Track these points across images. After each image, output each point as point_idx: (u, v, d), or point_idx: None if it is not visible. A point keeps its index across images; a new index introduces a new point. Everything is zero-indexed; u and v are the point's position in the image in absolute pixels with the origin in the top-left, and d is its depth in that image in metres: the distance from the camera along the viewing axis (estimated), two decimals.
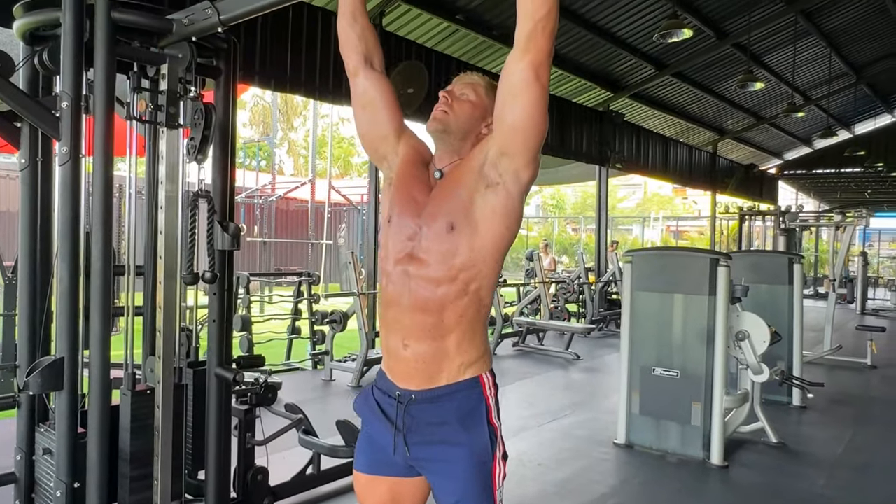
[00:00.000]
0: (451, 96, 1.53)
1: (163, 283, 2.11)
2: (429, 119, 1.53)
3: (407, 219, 1.49)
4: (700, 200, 33.81)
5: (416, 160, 1.58)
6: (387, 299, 1.51)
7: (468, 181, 1.44)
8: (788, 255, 5.36)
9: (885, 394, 5.82)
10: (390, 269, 1.49)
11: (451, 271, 1.42)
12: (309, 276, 6.36)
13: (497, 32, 7.96)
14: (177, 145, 2.16)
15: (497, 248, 1.44)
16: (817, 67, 12.14)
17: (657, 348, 3.90)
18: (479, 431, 1.42)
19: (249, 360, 2.59)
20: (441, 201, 1.46)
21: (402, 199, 1.52)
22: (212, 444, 2.38)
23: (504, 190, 1.41)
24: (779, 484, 3.44)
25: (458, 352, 1.44)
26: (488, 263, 1.43)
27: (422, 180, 1.53)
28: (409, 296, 1.45)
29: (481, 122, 1.52)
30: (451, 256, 1.42)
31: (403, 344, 1.45)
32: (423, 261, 1.44)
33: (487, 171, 1.42)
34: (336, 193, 14.69)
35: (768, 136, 16.20)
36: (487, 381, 1.46)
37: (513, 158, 1.39)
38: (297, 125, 29.92)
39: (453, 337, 1.43)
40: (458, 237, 1.42)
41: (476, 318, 1.45)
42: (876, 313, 12.65)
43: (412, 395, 1.45)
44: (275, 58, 5.84)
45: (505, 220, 1.42)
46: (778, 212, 11.88)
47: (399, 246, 1.48)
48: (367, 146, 1.68)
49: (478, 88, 1.54)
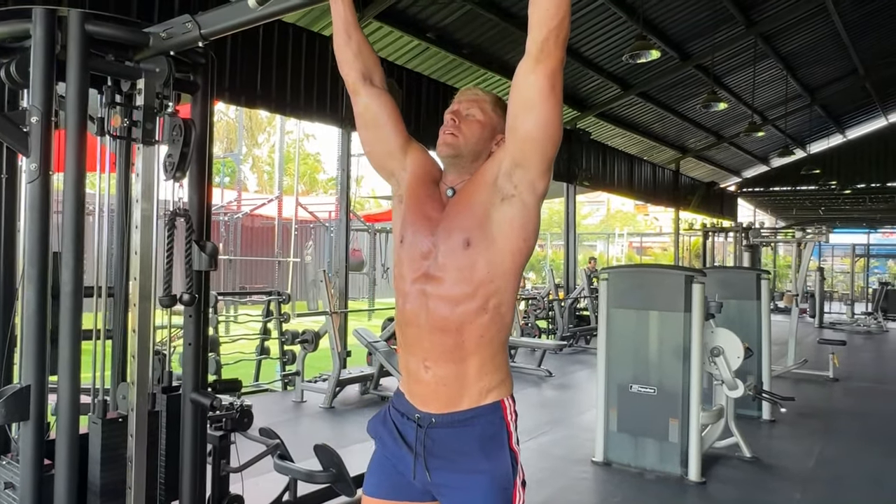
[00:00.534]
0: (458, 117, 1.50)
1: (137, 306, 2.02)
2: (437, 143, 1.51)
3: (421, 237, 1.47)
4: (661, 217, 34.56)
5: (425, 177, 1.56)
6: (405, 319, 1.48)
7: (482, 195, 1.43)
8: (756, 272, 5.47)
9: (848, 406, 5.96)
10: (407, 288, 1.47)
11: (469, 287, 1.40)
12: (279, 295, 6.24)
13: (467, 51, 8.02)
14: (153, 163, 2.08)
15: (515, 262, 1.42)
16: (774, 89, 12.55)
17: (634, 365, 3.91)
18: (500, 458, 1.40)
19: (226, 384, 2.50)
20: (455, 217, 1.44)
21: (415, 217, 1.50)
22: (187, 473, 2.28)
23: (520, 202, 1.40)
24: (756, 499, 3.47)
25: (479, 375, 1.42)
26: (507, 278, 1.42)
27: (433, 197, 1.51)
28: (427, 315, 1.42)
29: (491, 141, 1.50)
30: (469, 272, 1.40)
31: (424, 366, 1.43)
32: (440, 279, 1.42)
33: (502, 183, 1.41)
34: (303, 210, 14.51)
35: (728, 154, 16.65)
36: (509, 406, 1.44)
37: (528, 169, 1.38)
38: (262, 141, 29.61)
39: (475, 360, 1.41)
40: (475, 252, 1.40)
41: (497, 338, 1.43)
42: (833, 326, 13.03)
43: (433, 418, 1.42)
44: (245, 73, 5.76)
45: (522, 232, 1.41)
46: (740, 228, 12.18)
47: (415, 265, 1.46)
48: (374, 163, 1.65)
49: (484, 105, 1.52)
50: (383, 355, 5.63)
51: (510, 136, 1.39)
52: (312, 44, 6.37)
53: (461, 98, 1.55)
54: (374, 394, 5.74)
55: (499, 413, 1.43)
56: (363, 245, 14.84)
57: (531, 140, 1.36)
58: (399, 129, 1.60)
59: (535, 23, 1.29)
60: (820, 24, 10.36)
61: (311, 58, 6.30)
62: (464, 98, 1.54)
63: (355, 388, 5.86)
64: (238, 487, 2.74)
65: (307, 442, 3.31)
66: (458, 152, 1.48)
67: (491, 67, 8.40)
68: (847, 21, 10.27)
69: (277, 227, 14.03)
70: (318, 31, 6.52)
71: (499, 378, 1.44)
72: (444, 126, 1.51)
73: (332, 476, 3.04)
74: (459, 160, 1.49)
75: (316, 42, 6.41)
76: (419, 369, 1.44)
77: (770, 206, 21.62)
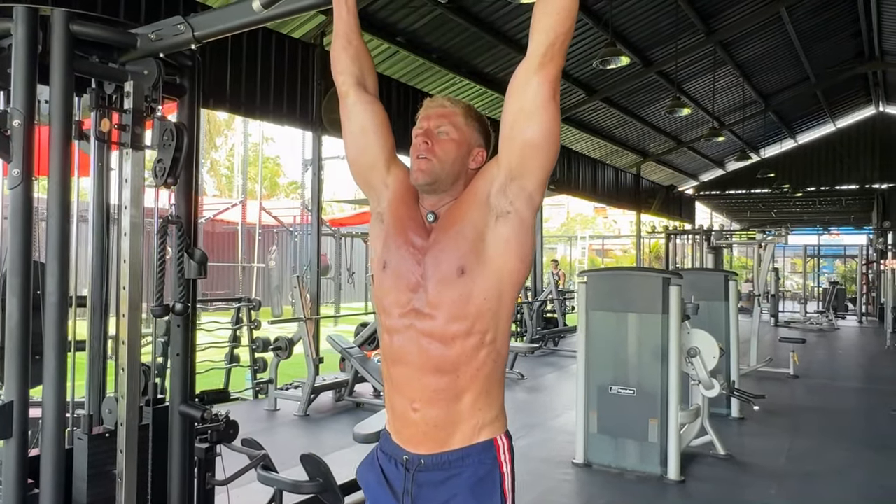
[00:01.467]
0: (430, 137, 1.39)
1: (126, 316, 1.95)
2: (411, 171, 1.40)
3: (406, 267, 1.36)
4: (620, 220, 35.20)
5: (406, 198, 1.45)
6: (392, 356, 1.37)
7: (473, 217, 1.33)
8: (724, 273, 5.61)
9: (811, 403, 6.16)
10: (393, 323, 1.37)
11: (465, 322, 1.30)
12: (249, 302, 6.12)
13: (436, 55, 8.03)
14: (142, 168, 2.01)
15: (513, 286, 1.34)
16: (731, 95, 12.92)
17: (613, 367, 3.96)
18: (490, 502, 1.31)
19: (214, 395, 2.43)
20: (445, 244, 1.33)
21: (399, 242, 1.39)
22: (175, 488, 2.20)
23: (517, 217, 1.31)
24: (735, 496, 3.55)
25: (472, 411, 1.33)
26: (504, 304, 1.33)
27: (417, 221, 1.41)
28: (418, 354, 1.33)
29: (468, 158, 1.41)
30: (464, 304, 1.30)
31: (413, 408, 1.33)
32: (432, 316, 1.32)
33: (496, 200, 1.32)
34: (267, 215, 14.28)
35: (686, 158, 17.07)
36: (502, 445, 1.35)
37: (526, 180, 1.30)
38: (220, 144, 29.05)
39: (468, 396, 1.32)
40: (469, 281, 1.30)
41: (493, 372, 1.34)
42: (788, 325, 13.47)
43: (421, 460, 1.34)
44: (214, 76, 5.63)
45: (519, 251, 1.32)
46: (702, 231, 12.49)
47: (401, 298, 1.36)
48: (355, 173, 1.56)
49: (455, 119, 1.42)
50: (358, 361, 5.58)
51: (507, 146, 1.31)
52: (282, 46, 6.28)
53: (429, 113, 1.43)
54: (348, 400, 5.68)
55: (491, 453, 1.33)
56: (328, 250, 14.67)
57: (533, 147, 1.28)
58: (386, 142, 1.51)
59: (543, 28, 1.25)
60: (775, 33, 10.73)
61: (280, 60, 6.21)
62: (432, 112, 1.43)
63: (329, 395, 5.78)
64: (221, 499, 2.68)
65: (286, 451, 3.25)
66: (436, 178, 1.37)
67: (460, 72, 8.42)
68: (800, 30, 10.67)
69: (241, 232, 13.77)
70: (288, 34, 6.44)
71: (492, 414, 1.35)
72: (414, 148, 1.41)
73: (318, 486, 2.99)
74: (437, 186, 1.38)
75: (285, 44, 6.32)
76: (407, 410, 1.34)
77: (726, 208, 22.25)
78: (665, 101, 10.88)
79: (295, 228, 14.78)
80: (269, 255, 14.54)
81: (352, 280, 14.57)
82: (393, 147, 1.54)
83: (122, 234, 1.97)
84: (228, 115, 26.69)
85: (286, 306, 13.89)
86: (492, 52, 8.37)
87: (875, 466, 4.15)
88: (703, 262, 12.61)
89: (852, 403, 6.31)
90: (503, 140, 1.33)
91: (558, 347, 9.53)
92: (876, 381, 7.80)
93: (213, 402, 2.39)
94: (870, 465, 4.19)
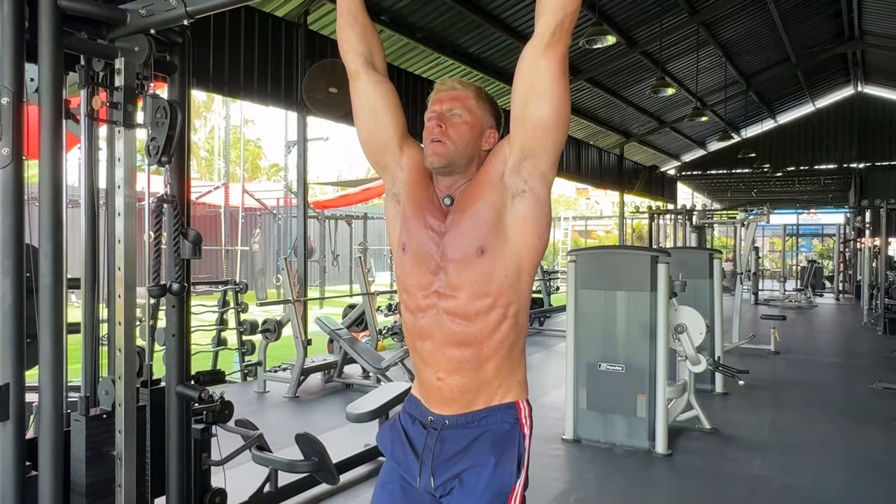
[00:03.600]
0: (443, 121, 1.40)
1: (123, 297, 1.93)
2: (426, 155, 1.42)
3: (426, 250, 1.39)
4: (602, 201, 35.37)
5: (422, 180, 1.47)
6: (418, 333, 1.41)
7: (490, 197, 1.36)
8: (709, 252, 5.68)
9: (791, 377, 6.29)
10: (417, 303, 1.41)
11: (487, 300, 1.34)
12: (236, 285, 6.08)
13: (421, 35, 7.95)
14: (134, 147, 1.98)
15: (531, 262, 1.37)
16: (713, 75, 12.99)
17: (602, 344, 4.01)
18: (508, 456, 1.36)
19: (210, 376, 2.42)
20: (463, 226, 1.36)
21: (417, 226, 1.42)
22: (173, 468, 2.21)
23: (532, 196, 1.34)
24: (721, 468, 3.63)
25: (496, 376, 1.38)
26: (523, 280, 1.37)
27: (434, 204, 1.43)
28: (442, 331, 1.37)
29: (481, 140, 1.43)
30: (486, 282, 1.34)
31: (437, 377, 1.39)
32: (454, 296, 1.36)
33: (510, 180, 1.35)
34: (249, 197, 14.14)
35: (668, 139, 17.16)
36: (524, 409, 1.41)
37: (539, 159, 1.33)
38: (198, 126, 28.64)
39: (492, 364, 1.37)
40: (490, 260, 1.34)
41: (515, 342, 1.39)
42: (767, 303, 13.71)
43: (445, 420, 1.39)
44: (196, 55, 5.53)
45: (536, 228, 1.35)
46: (685, 210, 12.61)
47: (423, 281, 1.39)
48: (369, 154, 1.56)
49: (468, 102, 1.43)
50: (347, 343, 5.59)
51: (518, 127, 1.33)
52: (265, 25, 6.18)
53: (440, 96, 1.44)
54: (337, 381, 5.69)
55: (513, 413, 1.39)
56: (312, 232, 14.60)
57: (544, 127, 1.31)
58: (398, 122, 1.51)
59: (552, 8, 1.26)
60: (758, 13, 10.77)
61: (264, 40, 6.12)
62: (444, 96, 1.44)
63: (318, 376, 5.79)
64: (217, 480, 2.68)
65: (278, 432, 3.26)
66: (451, 161, 1.39)
67: (444, 51, 8.36)
68: (782, 10, 10.73)
69: (224, 215, 13.64)
70: (271, 12, 6.34)
71: (515, 379, 1.40)
72: (428, 132, 1.42)
73: (314, 465, 3.01)
74: (452, 169, 1.40)
75: (269, 23, 6.22)
76: (432, 379, 1.40)
77: (707, 188, 22.44)
78: (648, 81, 10.91)
79: (278, 211, 14.68)
80: (252, 238, 14.43)
81: (336, 263, 14.53)
82: (405, 126, 1.55)
83: (117, 214, 1.94)
84: (207, 97, 26.35)
85: (270, 289, 13.84)
86: (477, 32, 8.31)
87: (855, 438, 4.27)
88: (686, 242, 12.76)
89: (832, 378, 6.46)
90: (514, 121, 1.36)
91: (544, 327, 9.61)
92: (854, 356, 7.98)
93: (209, 383, 2.38)
94: (850, 436, 4.30)
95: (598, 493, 3.32)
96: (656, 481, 3.54)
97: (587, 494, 3.27)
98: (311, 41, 6.64)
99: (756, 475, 3.53)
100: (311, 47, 6.56)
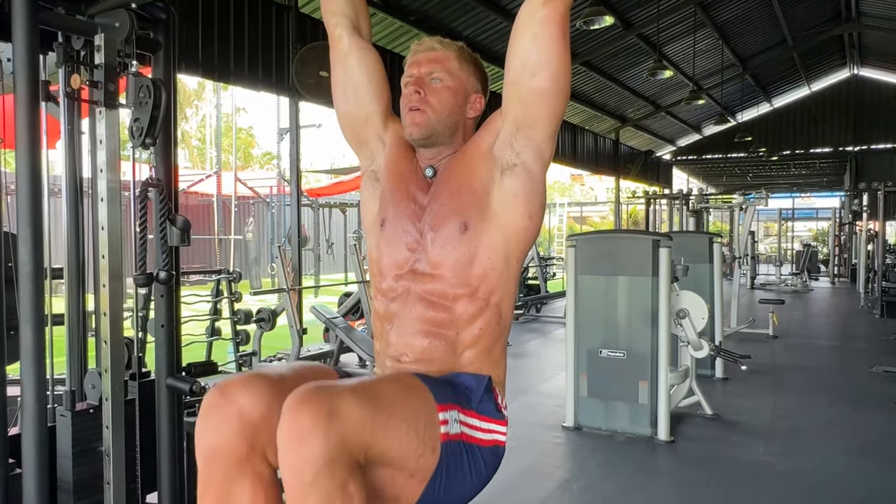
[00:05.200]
0: (422, 86, 1.29)
1: (108, 287, 1.84)
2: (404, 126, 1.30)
3: (405, 225, 1.27)
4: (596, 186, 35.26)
5: (405, 152, 1.36)
6: (388, 316, 1.28)
7: (477, 170, 1.25)
8: (708, 236, 5.62)
9: (791, 362, 6.25)
10: (389, 285, 1.28)
11: (469, 283, 1.22)
12: (229, 274, 5.98)
13: (413, 18, 7.81)
14: (117, 128, 1.89)
15: (520, 246, 1.26)
16: (710, 58, 12.87)
17: (603, 330, 3.94)
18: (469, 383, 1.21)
19: (202, 367, 2.34)
20: (446, 199, 1.25)
21: (399, 198, 1.30)
22: (164, 463, 2.13)
23: (524, 171, 1.23)
24: (724, 454, 3.58)
25: (470, 362, 1.24)
26: (511, 265, 1.25)
27: (418, 174, 1.32)
28: (416, 319, 1.24)
29: (465, 106, 1.32)
30: (468, 264, 1.22)
31: (400, 361, 1.26)
32: (433, 276, 1.24)
33: (501, 152, 1.24)
34: (242, 186, 14.00)
35: (664, 123, 17.06)
36: (500, 395, 1.27)
37: (534, 130, 1.22)
38: (189, 115, 28.36)
39: (468, 353, 1.24)
40: (474, 239, 1.22)
41: (497, 339, 1.26)
42: (764, 287, 13.70)
43: None
44: (184, 39, 5.40)
45: (527, 207, 1.24)
46: (681, 195, 12.55)
47: (398, 258, 1.27)
48: (347, 127, 1.44)
49: (449, 64, 1.31)
50: (343, 331, 5.52)
51: (511, 93, 1.22)
52: (255, 8, 6.04)
53: (418, 58, 1.32)
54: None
55: (487, 384, 1.23)
56: (306, 220, 14.48)
57: (541, 94, 1.19)
58: (383, 93, 1.40)
59: None
60: None
61: (254, 23, 5.98)
62: (422, 58, 1.31)
63: None
64: None
65: None
66: (432, 131, 1.28)
67: (438, 35, 8.22)
68: None
69: (217, 204, 13.50)
70: None
71: (490, 367, 1.26)
72: (405, 99, 1.30)
73: None
74: (434, 139, 1.29)
75: (259, 6, 6.08)
76: (396, 364, 1.27)
77: (702, 173, 22.39)
78: (645, 64, 10.81)
79: (271, 199, 14.54)
80: (245, 227, 14.31)
81: (331, 251, 14.44)
82: (390, 100, 1.43)
83: (100, 199, 1.85)
84: (198, 86, 26.07)
85: (265, 279, 13.75)
86: (470, 15, 8.17)
87: (857, 422, 4.23)
88: (682, 227, 12.71)
89: (831, 361, 6.43)
90: (507, 86, 1.23)
91: (541, 314, 9.56)
92: (852, 339, 7.96)
93: (201, 374, 2.30)
94: (851, 420, 4.26)
95: (601, 481, 3.26)
96: (660, 468, 3.49)
97: (590, 482, 3.22)
98: (303, 24, 6.50)
99: (759, 461, 3.48)
100: (302, 30, 6.42)
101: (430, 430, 1.09)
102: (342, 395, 0.99)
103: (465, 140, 1.33)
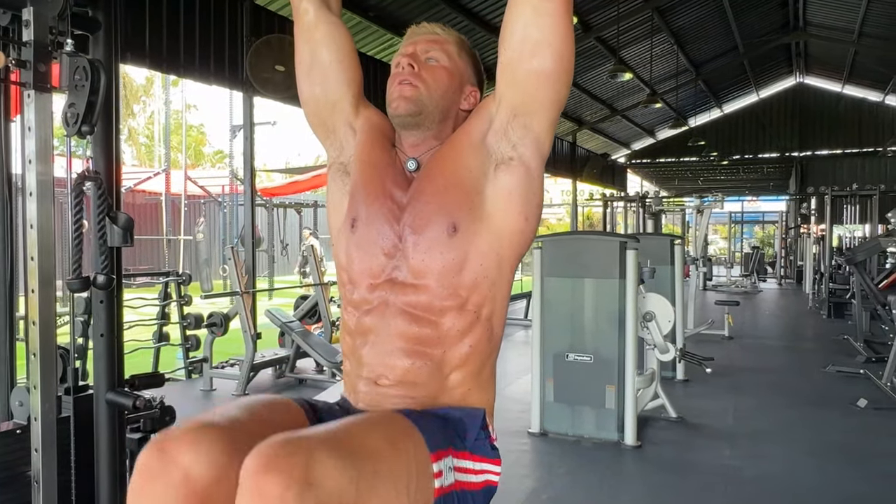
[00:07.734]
0: (417, 62, 1.15)
1: (37, 292, 1.63)
2: (390, 101, 1.14)
3: (380, 225, 1.11)
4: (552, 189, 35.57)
5: (381, 142, 1.20)
6: (361, 332, 1.12)
7: (467, 163, 1.10)
8: (670, 238, 5.63)
9: (747, 363, 6.33)
10: (362, 296, 1.11)
11: (457, 294, 1.07)
12: (178, 276, 5.70)
13: (373, 14, 7.63)
14: (48, 114, 1.68)
15: (514, 251, 1.11)
16: (665, 63, 13.07)
17: (570, 334, 3.86)
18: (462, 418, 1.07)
19: (146, 380, 2.14)
20: (432, 197, 1.09)
21: (373, 194, 1.13)
22: (104, 488, 1.93)
23: (521, 166, 1.09)
24: (692, 459, 3.55)
25: (457, 385, 1.09)
26: (503, 273, 1.10)
27: (396, 168, 1.16)
28: (395, 336, 1.08)
29: (460, 95, 1.18)
30: (457, 271, 1.07)
31: (377, 384, 1.09)
32: (416, 286, 1.07)
33: (495, 144, 1.10)
34: (193, 185, 13.53)
35: (619, 127, 17.27)
36: (492, 428, 1.13)
37: (534, 118, 1.08)
38: (137, 111, 27.39)
39: (455, 375, 1.09)
40: (464, 242, 1.07)
41: (487, 358, 1.12)
42: (715, 289, 13.99)
43: None
44: (131, 28, 5.10)
45: (524, 207, 1.10)
46: (638, 197, 12.70)
47: (373, 265, 1.11)
48: (312, 114, 1.27)
49: (448, 47, 1.18)
50: (299, 336, 5.31)
51: (507, 76, 1.08)
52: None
53: (415, 38, 1.20)
54: (290, 377, 5.41)
55: (481, 418, 1.09)
56: (260, 221, 14.11)
57: (542, 76, 1.05)
58: (354, 76, 1.24)
59: None
60: (710, 0, 10.86)
61: (206, 13, 5.70)
62: (420, 38, 1.19)
63: (269, 372, 5.49)
64: None
65: None
66: (422, 108, 1.13)
67: (399, 33, 8.04)
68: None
69: (165, 203, 13.00)
70: None
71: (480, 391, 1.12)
72: (395, 75, 1.15)
73: None
74: (422, 119, 1.14)
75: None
76: (372, 386, 1.10)
77: (655, 176, 22.79)
78: (603, 67, 10.88)
79: (223, 199, 14.12)
80: (196, 227, 13.83)
81: (285, 252, 14.10)
82: (361, 83, 1.27)
83: (28, 193, 1.64)
84: (147, 81, 25.18)
85: (216, 281, 13.31)
86: (431, 14, 8.03)
87: (817, 422, 4.26)
88: (637, 229, 12.87)
89: (786, 362, 6.55)
90: (503, 68, 1.09)
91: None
92: (803, 339, 8.16)
93: (146, 387, 2.10)
94: (812, 421, 4.30)
95: (571, 489, 3.17)
96: (629, 474, 3.43)
97: (559, 492, 3.12)
98: (258, 16, 6.25)
99: (727, 465, 3.46)
100: (257, 23, 6.17)
101: (422, 488, 0.95)
102: (317, 454, 0.82)
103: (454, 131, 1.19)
